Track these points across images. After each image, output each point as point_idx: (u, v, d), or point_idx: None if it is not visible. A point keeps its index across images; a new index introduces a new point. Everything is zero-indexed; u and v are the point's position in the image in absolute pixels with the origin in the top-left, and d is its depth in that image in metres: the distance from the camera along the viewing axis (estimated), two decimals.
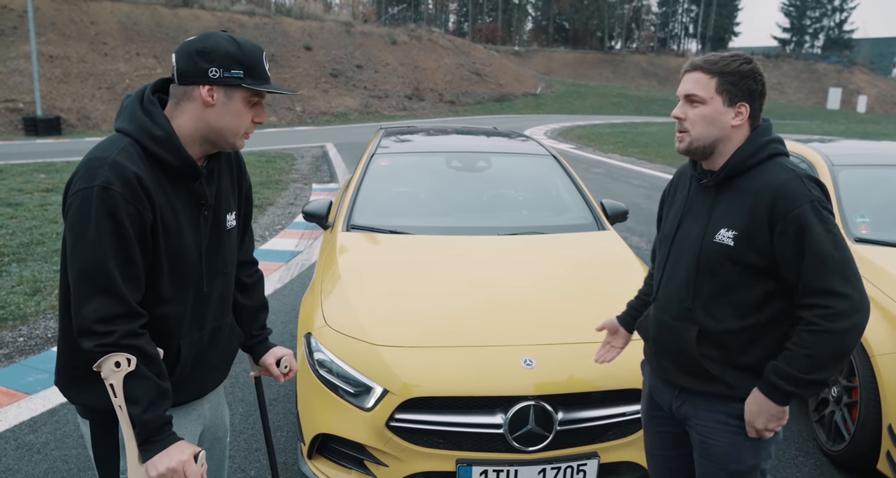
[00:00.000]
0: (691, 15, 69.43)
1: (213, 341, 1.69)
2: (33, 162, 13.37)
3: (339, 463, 2.54)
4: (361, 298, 2.84)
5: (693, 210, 1.81)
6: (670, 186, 2.00)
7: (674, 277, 1.82)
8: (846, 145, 4.86)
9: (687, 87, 1.72)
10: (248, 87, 1.47)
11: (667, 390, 1.90)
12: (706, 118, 1.69)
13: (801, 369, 1.59)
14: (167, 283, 1.52)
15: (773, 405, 1.65)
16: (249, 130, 1.56)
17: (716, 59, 1.69)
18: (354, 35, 36.32)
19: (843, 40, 64.50)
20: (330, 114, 29.78)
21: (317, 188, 11.19)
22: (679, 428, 1.93)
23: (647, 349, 2.01)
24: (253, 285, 1.91)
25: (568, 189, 4.11)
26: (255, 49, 1.52)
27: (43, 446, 3.21)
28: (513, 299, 2.83)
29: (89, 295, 1.39)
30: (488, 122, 26.16)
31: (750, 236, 1.65)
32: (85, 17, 26.50)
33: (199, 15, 30.17)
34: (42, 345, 4.45)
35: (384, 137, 4.73)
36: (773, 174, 1.67)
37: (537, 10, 74.41)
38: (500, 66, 44.25)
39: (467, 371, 2.41)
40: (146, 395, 1.41)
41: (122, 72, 25.29)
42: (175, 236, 1.51)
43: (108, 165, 1.40)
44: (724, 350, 1.73)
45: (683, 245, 1.80)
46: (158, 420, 1.43)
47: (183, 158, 1.49)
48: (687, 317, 1.77)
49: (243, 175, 1.79)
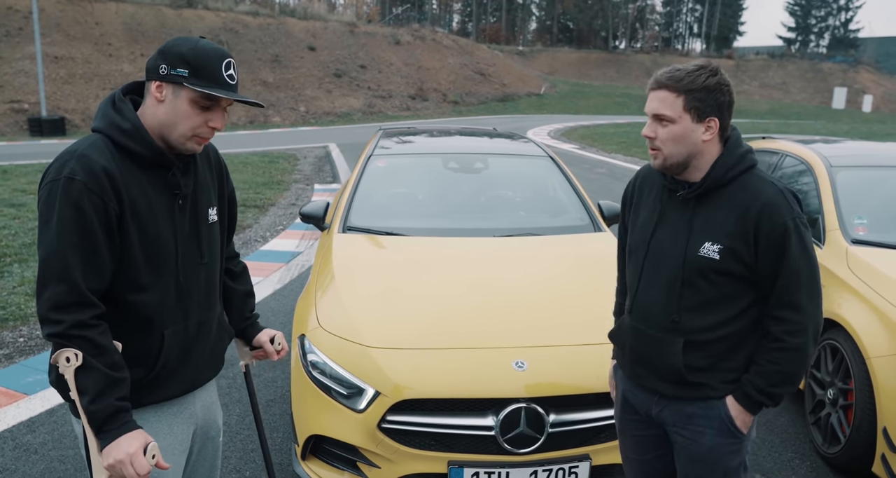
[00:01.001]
0: (696, 14, 69.26)
1: (201, 334, 1.71)
2: (37, 162, 13.43)
3: (333, 464, 2.55)
4: (355, 299, 2.85)
5: (668, 221, 1.80)
6: (632, 191, 1.98)
7: (652, 289, 1.82)
8: (847, 147, 4.85)
9: (654, 106, 1.71)
10: (190, 87, 1.49)
11: (644, 395, 1.91)
12: (676, 137, 1.69)
13: (773, 382, 1.71)
14: (143, 271, 1.55)
15: (748, 412, 1.77)
16: (203, 134, 1.56)
17: (681, 75, 1.67)
18: (358, 35, 36.34)
19: (848, 40, 64.22)
20: (333, 114, 29.80)
21: (319, 189, 11.20)
22: (655, 431, 1.94)
23: (619, 356, 2.02)
24: (240, 273, 1.99)
25: (565, 190, 4.11)
26: (212, 52, 1.52)
27: (40, 446, 3.23)
28: (506, 301, 2.83)
29: (47, 283, 1.44)
30: (492, 122, 26.17)
31: (735, 249, 1.68)
32: (90, 18, 26.60)
33: (203, 15, 30.24)
34: (42, 345, 4.47)
35: (382, 138, 4.74)
36: (757, 188, 1.70)
37: (541, 9, 74.35)
38: (503, 66, 44.22)
39: (459, 373, 2.41)
40: (94, 386, 1.43)
41: (127, 72, 25.36)
42: (149, 224, 1.55)
43: (75, 158, 1.47)
44: (710, 358, 1.76)
45: (661, 256, 1.80)
46: (106, 410, 1.44)
47: (151, 148, 1.54)
48: (673, 328, 1.78)
49: (225, 177, 1.84)
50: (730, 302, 1.73)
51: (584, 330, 2.66)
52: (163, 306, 1.59)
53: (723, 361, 1.77)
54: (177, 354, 1.64)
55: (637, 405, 1.95)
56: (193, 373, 1.71)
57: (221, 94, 1.51)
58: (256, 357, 2.00)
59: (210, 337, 1.75)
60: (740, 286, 1.72)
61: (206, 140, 1.58)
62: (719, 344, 1.75)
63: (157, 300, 1.58)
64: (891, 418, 2.78)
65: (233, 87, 1.55)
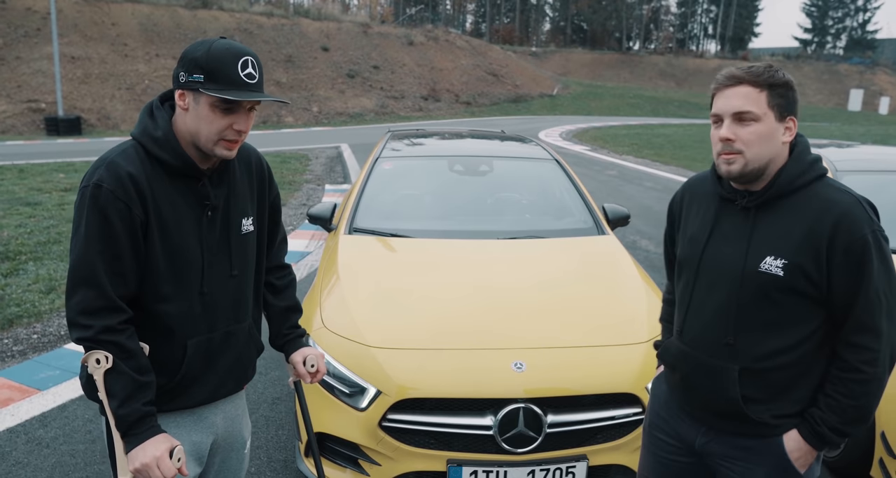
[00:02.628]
0: (710, 15, 68.86)
1: (226, 345, 1.70)
2: (53, 162, 13.62)
3: (335, 462, 2.60)
4: (359, 300, 2.90)
5: (723, 232, 1.64)
6: (681, 201, 1.83)
7: (705, 309, 1.65)
8: (857, 151, 4.84)
9: (736, 104, 1.53)
10: (205, 92, 1.47)
11: (692, 424, 1.75)
12: (762, 137, 1.52)
13: (847, 419, 1.53)
14: (165, 280, 1.56)
15: (813, 450, 1.60)
16: (230, 138, 1.54)
17: (760, 69, 1.53)
18: (371, 36, 36.48)
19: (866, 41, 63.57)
20: (346, 114, 29.95)
21: (329, 189, 11.29)
22: (686, 458, 1.79)
23: (669, 377, 1.84)
24: (284, 287, 1.95)
25: (570, 193, 4.14)
26: (227, 53, 1.48)
27: (52, 440, 3.31)
28: (507, 303, 2.88)
29: (75, 288, 1.47)
30: (504, 122, 26.18)
31: (802, 264, 1.51)
32: (106, 19, 26.91)
33: (218, 16, 30.50)
34: (55, 342, 4.56)
35: (390, 141, 4.80)
36: (830, 197, 1.53)
37: (555, 10, 74.22)
38: (516, 66, 44.20)
39: (459, 374, 2.46)
40: (123, 390, 1.46)
41: (142, 72, 25.64)
42: (174, 234, 1.55)
43: (105, 165, 1.50)
44: (769, 389, 1.59)
45: (715, 273, 1.64)
46: (135, 414, 1.47)
47: (180, 158, 1.54)
48: (727, 354, 1.61)
49: (267, 183, 1.82)
50: (794, 324, 1.55)
51: (584, 332, 2.70)
52: (185, 317, 1.59)
53: (784, 391, 1.58)
54: (199, 364, 1.64)
55: (679, 429, 1.79)
56: (215, 383, 1.69)
57: (235, 96, 1.47)
58: (296, 375, 1.92)
59: (237, 348, 1.73)
60: (807, 307, 1.53)
61: (234, 144, 1.55)
62: (780, 372, 1.57)
63: (180, 310, 1.58)
64: (889, 423, 2.79)
65: (252, 86, 1.51)
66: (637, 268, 3.36)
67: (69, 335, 1.52)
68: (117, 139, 19.70)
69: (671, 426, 1.82)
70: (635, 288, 3.11)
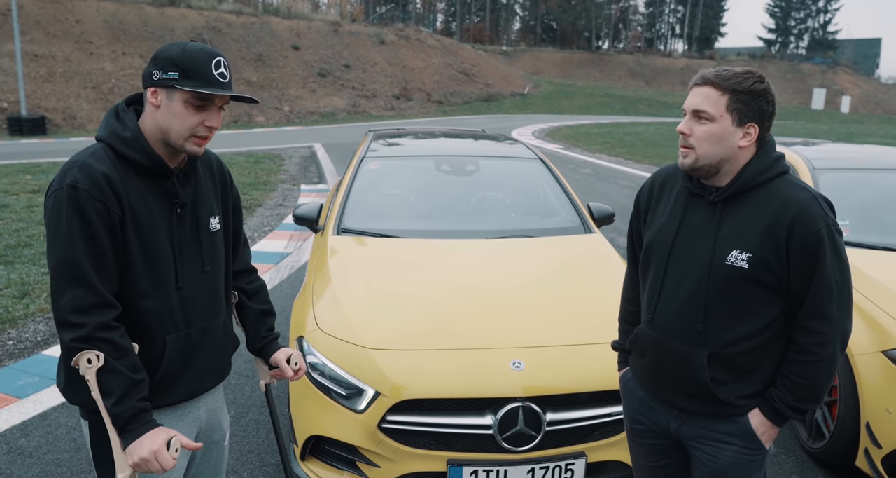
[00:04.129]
0: (678, 15, 69.92)
1: (204, 341, 1.73)
2: (19, 162, 13.27)
3: (332, 464, 2.58)
4: (352, 301, 2.88)
5: (691, 226, 1.73)
6: (650, 192, 1.90)
7: (676, 297, 1.74)
8: (828, 149, 4.96)
9: (695, 102, 1.64)
10: (181, 88, 1.52)
11: (663, 408, 1.85)
12: (713, 136, 1.63)
13: (802, 397, 1.66)
14: (143, 277, 1.59)
15: (774, 426, 1.72)
16: (201, 134, 1.58)
17: (728, 74, 1.62)
18: (342, 34, 36.27)
19: (827, 41, 65.19)
20: (318, 114, 29.73)
21: (305, 189, 11.19)
22: (666, 440, 1.90)
23: (636, 366, 1.94)
24: (256, 291, 1.98)
25: (555, 192, 4.17)
26: (201, 53, 1.55)
27: (35, 450, 3.22)
28: (501, 302, 2.88)
29: (64, 287, 1.48)
30: (476, 122, 26.24)
31: (765, 257, 1.61)
32: (70, 16, 26.30)
33: (186, 14, 30.02)
34: (32, 348, 4.45)
35: (374, 140, 4.77)
36: (789, 193, 1.63)
37: (525, 10, 74.62)
38: (487, 65, 44.33)
39: (457, 373, 2.46)
40: (118, 387, 1.48)
41: (108, 71, 25.12)
42: (148, 232, 1.59)
43: (76, 167, 1.52)
44: (735, 372, 1.70)
45: (684, 264, 1.72)
46: (130, 410, 1.48)
47: (150, 157, 1.58)
48: (696, 340, 1.71)
49: (229, 185, 1.86)
50: (757, 312, 1.66)
51: (579, 330, 2.72)
52: (163, 313, 1.62)
53: (748, 373, 1.70)
54: (179, 361, 1.66)
55: (653, 417, 1.89)
56: (197, 379, 1.73)
57: (212, 91, 1.53)
58: (275, 376, 1.98)
59: (214, 344, 1.77)
60: (769, 296, 1.64)
61: (204, 140, 1.60)
62: (745, 356, 1.68)
63: (158, 306, 1.61)
64: (873, 413, 2.87)
65: (224, 86, 1.57)
66: (625, 265, 3.39)
67: (60, 337, 1.50)
68: (84, 139, 19.30)
69: (647, 417, 1.92)
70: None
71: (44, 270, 6.04)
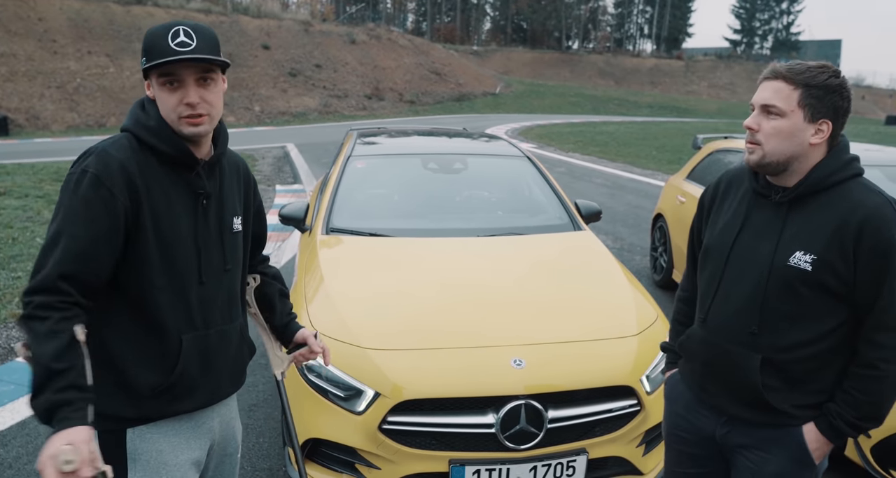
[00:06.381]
0: (646, 16, 70.86)
1: (222, 345, 1.67)
2: None
3: (330, 467, 2.54)
4: (347, 301, 2.84)
5: (754, 226, 1.67)
6: (714, 193, 1.85)
7: (732, 299, 1.68)
8: None
9: (765, 96, 1.58)
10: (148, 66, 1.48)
11: (710, 415, 1.78)
12: (782, 133, 1.56)
13: (863, 415, 1.57)
14: (159, 271, 1.52)
15: (829, 442, 1.64)
16: (185, 114, 1.50)
17: (802, 68, 1.56)
18: (313, 34, 35.97)
19: (790, 42, 66.65)
20: (289, 114, 29.44)
21: (280, 190, 11.05)
22: (704, 449, 1.83)
23: (684, 368, 1.88)
24: (274, 274, 1.98)
25: (543, 190, 4.17)
26: (160, 28, 1.50)
27: (15, 460, 3.11)
28: (498, 300, 2.87)
29: (39, 269, 1.42)
30: (449, 121, 26.24)
31: (831, 261, 1.54)
32: (32, 14, 25.62)
33: (153, 12, 29.48)
34: (5, 356, 4.30)
35: (358, 139, 4.72)
36: (860, 196, 1.56)
37: (495, 9, 74.89)
38: (459, 65, 44.39)
39: (458, 372, 2.43)
40: (35, 379, 1.35)
41: (73, 70, 24.54)
42: (167, 224, 1.53)
43: (95, 153, 1.49)
44: (789, 380, 1.63)
45: (744, 264, 1.66)
46: (42, 405, 1.33)
47: (175, 145, 1.53)
48: (750, 343, 1.64)
49: (252, 190, 1.81)
50: (817, 319, 1.58)
51: (577, 327, 2.72)
52: (179, 309, 1.56)
53: (804, 383, 1.62)
54: (195, 364, 1.59)
55: (698, 423, 1.82)
56: (213, 386, 1.66)
57: (160, 60, 1.45)
58: (298, 358, 1.94)
59: (231, 349, 1.71)
60: (831, 302, 1.56)
61: (197, 119, 1.50)
62: (800, 364, 1.61)
63: (173, 302, 1.55)
64: None
65: (186, 53, 1.46)
66: (617, 262, 3.41)
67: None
68: (49, 140, 18.82)
69: (690, 423, 1.84)
70: (619, 281, 3.15)
71: (13, 275, 5.87)
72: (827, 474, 3.10)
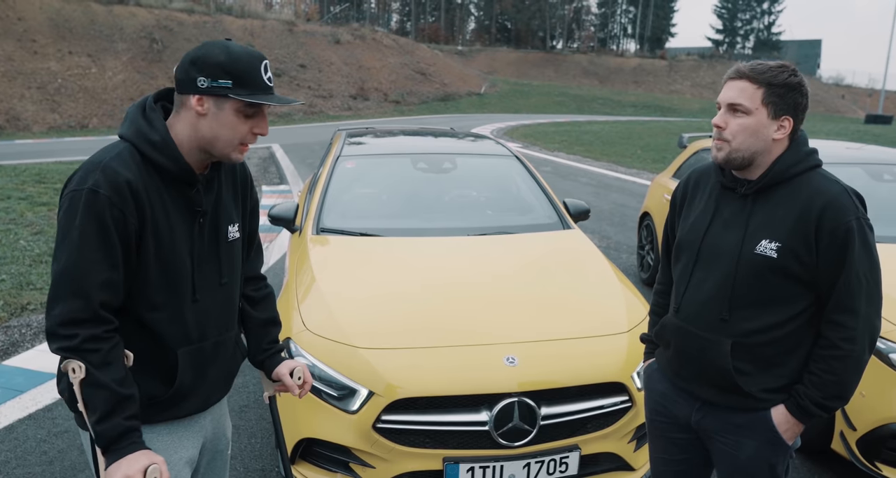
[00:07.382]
0: (629, 16, 71.26)
1: (216, 355, 1.67)
2: None
3: (323, 467, 2.54)
4: (339, 300, 2.84)
5: (723, 218, 1.76)
6: (684, 190, 1.94)
7: (703, 287, 1.77)
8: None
9: (731, 96, 1.66)
10: (236, 97, 1.46)
11: (685, 401, 1.87)
12: (748, 129, 1.65)
13: (828, 394, 1.65)
14: (157, 289, 1.52)
15: (799, 423, 1.72)
16: (248, 142, 1.53)
17: (763, 68, 1.64)
18: (297, 34, 35.81)
19: (771, 42, 67.32)
20: (273, 114, 29.26)
21: (267, 190, 11.01)
22: (687, 434, 1.91)
23: (661, 357, 1.97)
24: (261, 299, 1.89)
25: (532, 189, 4.20)
26: (250, 58, 1.48)
27: (3, 465, 3.08)
28: (489, 298, 2.88)
29: (61, 297, 1.41)
30: (434, 121, 26.23)
31: (794, 247, 1.63)
32: (11, 13, 25.26)
33: (136, 12, 29.18)
34: None
35: (347, 139, 4.72)
36: (820, 186, 1.65)
37: (480, 9, 74.96)
38: (443, 65, 44.40)
39: (452, 371, 2.45)
40: (102, 403, 1.40)
41: (54, 71, 24.24)
42: (166, 242, 1.51)
43: (100, 169, 1.43)
44: (759, 363, 1.71)
45: (714, 254, 1.75)
46: (114, 429, 1.40)
47: (179, 164, 1.50)
48: (721, 329, 1.73)
49: (249, 190, 1.79)
50: (784, 304, 1.67)
51: (569, 324, 2.74)
52: (177, 326, 1.55)
53: (773, 366, 1.70)
54: (190, 375, 1.60)
55: (676, 411, 1.90)
56: (206, 393, 1.67)
57: (267, 101, 1.48)
58: (278, 390, 1.88)
59: (225, 358, 1.71)
60: (796, 287, 1.66)
61: (247, 148, 1.56)
62: (769, 348, 1.69)
63: (171, 319, 1.54)
64: None
65: (272, 90, 1.54)
66: (606, 259, 3.44)
67: (50, 347, 1.44)
68: (30, 142, 18.59)
69: (668, 409, 1.93)
70: (609, 279, 3.18)
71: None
72: (813, 468, 3.16)
